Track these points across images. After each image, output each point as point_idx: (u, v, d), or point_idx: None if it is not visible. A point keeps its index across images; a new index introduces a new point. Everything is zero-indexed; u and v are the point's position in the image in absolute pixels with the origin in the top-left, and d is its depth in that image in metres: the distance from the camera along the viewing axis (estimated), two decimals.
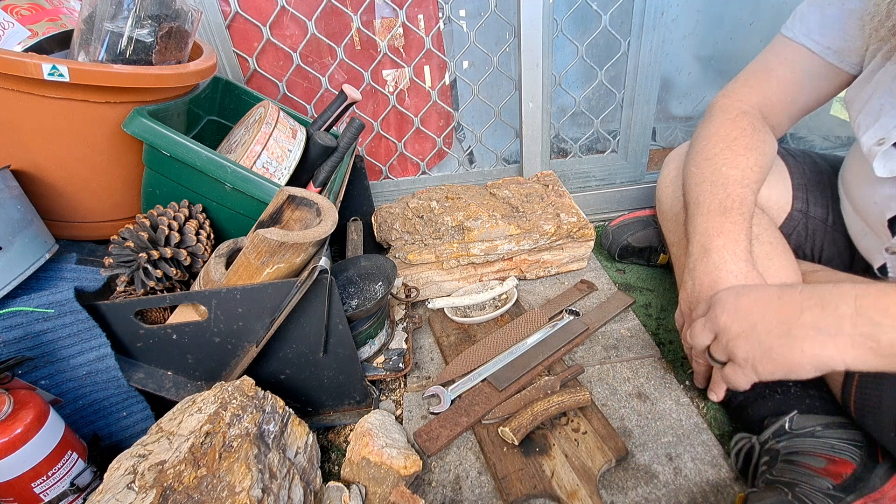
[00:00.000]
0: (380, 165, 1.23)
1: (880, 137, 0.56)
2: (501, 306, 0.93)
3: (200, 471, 0.49)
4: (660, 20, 1.05)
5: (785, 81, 0.69)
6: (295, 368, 0.68)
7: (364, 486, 0.62)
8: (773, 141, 0.70)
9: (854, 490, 0.50)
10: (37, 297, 0.57)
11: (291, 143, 0.76)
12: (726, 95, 0.74)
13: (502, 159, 1.25)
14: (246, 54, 1.04)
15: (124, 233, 0.64)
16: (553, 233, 0.95)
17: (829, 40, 0.63)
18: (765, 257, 0.66)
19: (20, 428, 0.51)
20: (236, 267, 0.59)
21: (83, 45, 0.66)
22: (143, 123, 0.63)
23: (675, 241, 0.80)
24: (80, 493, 0.57)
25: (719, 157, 0.66)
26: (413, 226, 0.97)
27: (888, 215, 0.61)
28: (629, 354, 0.82)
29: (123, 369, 0.62)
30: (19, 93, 0.58)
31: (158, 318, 0.67)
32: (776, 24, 0.71)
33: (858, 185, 0.66)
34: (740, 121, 0.68)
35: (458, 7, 1.09)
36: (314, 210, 0.64)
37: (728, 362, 0.51)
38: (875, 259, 0.67)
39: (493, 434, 0.69)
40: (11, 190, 0.59)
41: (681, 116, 1.43)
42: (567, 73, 1.14)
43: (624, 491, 0.61)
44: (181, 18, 0.70)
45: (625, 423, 0.70)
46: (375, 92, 1.14)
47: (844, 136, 1.36)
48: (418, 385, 0.81)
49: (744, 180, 0.63)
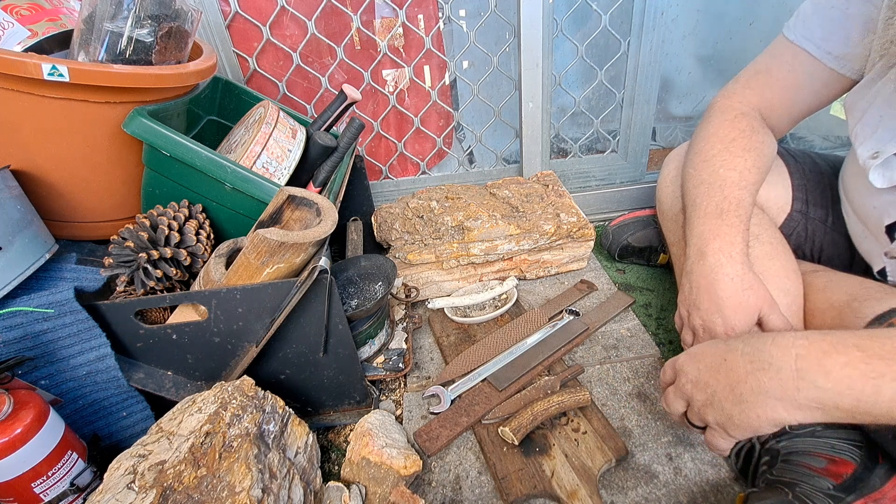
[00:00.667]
0: (380, 165, 1.23)
1: (875, 151, 0.56)
2: (501, 306, 0.93)
3: (200, 471, 0.49)
4: (660, 20, 1.05)
5: (785, 84, 0.68)
6: (295, 368, 0.68)
7: (364, 486, 0.62)
8: (772, 142, 0.70)
9: (854, 490, 0.50)
10: (37, 297, 0.57)
11: (291, 143, 0.76)
12: (725, 96, 0.73)
13: (502, 159, 1.25)
14: (246, 54, 1.04)
15: (124, 233, 0.63)
16: (553, 233, 0.95)
17: (831, 45, 0.63)
18: (765, 257, 0.66)
19: (20, 428, 0.51)
20: (236, 267, 0.59)
21: (83, 45, 0.66)
22: (142, 123, 0.63)
23: (675, 240, 0.80)
24: (80, 493, 0.57)
25: (717, 159, 0.65)
26: (413, 226, 0.97)
27: (886, 221, 0.61)
28: (629, 354, 0.82)
29: (123, 369, 0.62)
30: (19, 93, 0.58)
31: (158, 318, 0.67)
32: (776, 23, 0.71)
33: (857, 189, 0.66)
34: (739, 122, 0.68)
35: (458, 7, 1.09)
36: (314, 210, 0.64)
37: (706, 427, 0.51)
38: (875, 262, 0.67)
39: (493, 434, 0.69)
40: (11, 190, 0.59)
41: (681, 116, 1.43)
42: (567, 72, 1.14)
43: (624, 491, 0.61)
44: (181, 18, 0.70)
45: (625, 423, 0.70)
46: (375, 92, 1.14)
47: (844, 135, 1.36)
48: (418, 385, 0.81)
49: (741, 182, 0.63)
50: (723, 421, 0.47)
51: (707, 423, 0.50)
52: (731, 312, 0.58)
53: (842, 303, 0.60)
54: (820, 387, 0.41)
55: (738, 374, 0.46)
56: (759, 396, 0.44)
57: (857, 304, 0.58)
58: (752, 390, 0.44)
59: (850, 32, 0.60)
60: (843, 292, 0.62)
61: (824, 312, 0.62)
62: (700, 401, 0.49)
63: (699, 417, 0.50)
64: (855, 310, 0.58)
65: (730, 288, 0.58)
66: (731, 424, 0.46)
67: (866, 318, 0.55)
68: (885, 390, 0.38)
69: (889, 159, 0.56)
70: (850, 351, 0.41)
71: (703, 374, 0.49)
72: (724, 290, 0.58)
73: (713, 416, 0.48)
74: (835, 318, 0.60)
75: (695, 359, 0.52)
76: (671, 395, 0.54)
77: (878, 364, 0.39)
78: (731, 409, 0.46)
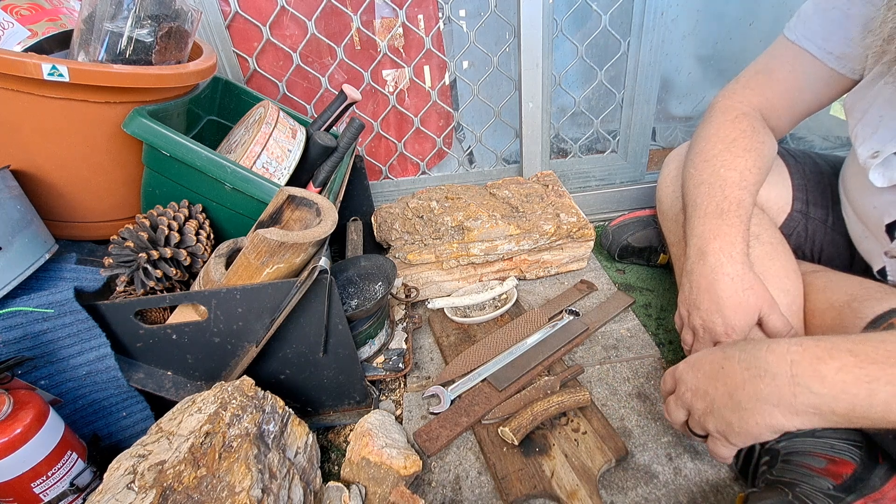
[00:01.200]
0: (380, 165, 1.23)
1: (875, 150, 0.56)
2: (501, 306, 0.93)
3: (200, 471, 0.49)
4: (659, 20, 1.05)
5: (786, 84, 0.68)
6: (295, 368, 0.68)
7: (364, 486, 0.62)
8: (773, 142, 0.70)
9: (854, 490, 0.49)
10: (36, 297, 0.57)
11: (291, 143, 0.76)
12: (726, 96, 0.73)
13: (502, 159, 1.25)
14: (246, 54, 1.04)
15: (124, 233, 0.63)
16: (553, 233, 0.95)
17: (832, 45, 0.63)
18: (765, 257, 0.66)
19: (20, 428, 0.51)
20: (236, 267, 0.59)
21: (83, 45, 0.66)
22: (142, 123, 0.63)
23: (676, 240, 0.80)
24: (79, 494, 0.57)
25: (718, 159, 0.65)
26: (413, 226, 0.97)
27: (886, 220, 0.61)
28: (629, 354, 0.82)
29: (123, 369, 0.62)
30: (19, 93, 0.58)
31: (158, 318, 0.67)
32: (776, 23, 0.71)
33: (858, 188, 0.66)
34: (740, 122, 0.68)
35: (458, 7, 1.09)
36: (314, 210, 0.64)
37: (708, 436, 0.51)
38: (875, 262, 0.67)
39: (493, 434, 0.68)
40: (11, 190, 0.59)
41: (681, 116, 1.43)
42: (567, 73, 1.14)
43: (624, 491, 0.61)
44: (181, 18, 0.70)
45: (625, 423, 0.70)
46: (375, 92, 1.14)
47: (844, 135, 1.36)
48: (418, 385, 0.81)
49: (742, 182, 0.63)
50: (723, 429, 0.47)
51: (708, 432, 0.50)
52: (731, 312, 0.58)
53: (842, 303, 0.60)
54: (816, 392, 0.41)
55: (736, 382, 0.46)
56: (758, 403, 0.44)
57: (856, 305, 0.58)
58: (750, 397, 0.44)
59: (850, 33, 0.60)
60: (842, 292, 0.62)
61: (824, 312, 0.62)
62: (700, 409, 0.50)
63: (700, 426, 0.50)
64: (855, 310, 0.58)
65: (730, 288, 0.58)
66: (731, 432, 0.47)
67: (866, 318, 0.55)
68: (880, 394, 0.38)
69: (889, 158, 0.56)
70: (843, 356, 0.41)
71: (702, 383, 0.50)
72: (725, 290, 0.58)
73: (713, 424, 0.48)
74: (835, 318, 0.60)
75: (693, 367, 0.52)
76: (672, 405, 0.54)
77: (872, 368, 0.39)
78: (730, 417, 0.46)
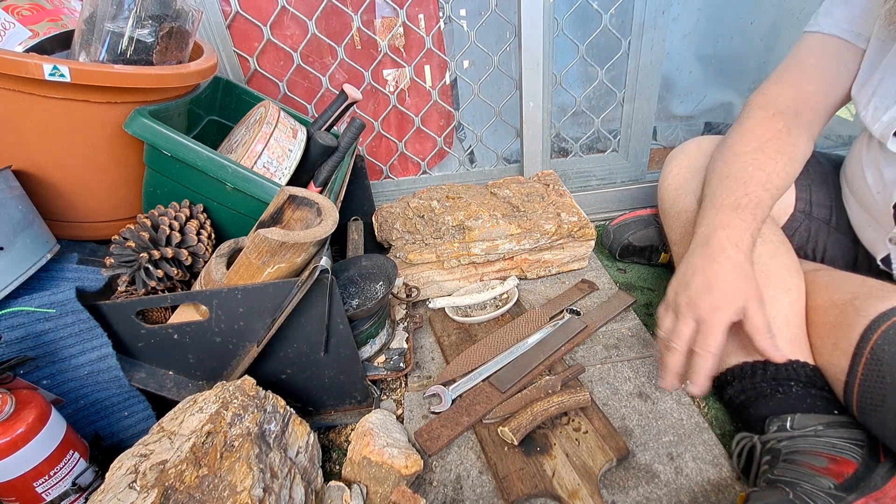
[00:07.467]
0: (380, 165, 1.23)
1: None
2: (502, 306, 0.93)
3: (202, 470, 0.49)
4: (660, 19, 1.05)
5: (818, 71, 0.68)
6: (296, 368, 0.68)
7: (365, 486, 0.62)
8: (807, 146, 0.69)
9: (855, 489, 0.49)
10: (38, 297, 0.57)
11: (292, 143, 0.76)
12: (761, 93, 0.72)
13: (503, 159, 1.25)
14: (246, 54, 1.04)
15: (125, 233, 0.64)
16: (554, 232, 0.95)
17: (859, 27, 0.63)
18: (768, 256, 0.66)
19: (22, 428, 0.51)
20: (237, 267, 0.59)
21: (84, 45, 0.66)
22: (143, 123, 0.63)
23: (677, 239, 0.79)
24: (81, 493, 0.57)
25: (749, 156, 0.65)
26: (414, 225, 0.97)
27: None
28: (630, 354, 0.82)
29: (125, 369, 0.62)
30: (20, 93, 0.58)
31: (159, 318, 0.67)
32: (777, 23, 0.70)
33: (863, 174, 0.66)
34: (776, 121, 0.67)
35: (459, 6, 1.09)
36: (315, 210, 0.64)
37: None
38: (878, 250, 0.66)
39: (494, 434, 0.68)
40: (13, 190, 0.59)
41: (682, 115, 1.43)
42: (567, 72, 1.14)
43: (625, 490, 0.61)
44: (182, 18, 0.70)
45: (626, 423, 0.70)
46: (376, 91, 1.14)
47: (845, 135, 1.36)
48: (419, 384, 0.81)
49: (767, 184, 0.62)
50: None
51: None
52: (721, 294, 0.57)
53: (844, 301, 0.60)
54: None
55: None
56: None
57: (859, 303, 0.58)
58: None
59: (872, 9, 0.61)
60: (845, 290, 0.62)
61: (826, 310, 0.62)
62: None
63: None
64: (857, 308, 0.58)
65: (726, 268, 0.58)
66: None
67: (869, 316, 0.55)
68: None
69: None
70: None
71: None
72: (720, 271, 0.58)
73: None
74: (837, 316, 0.60)
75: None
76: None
77: None
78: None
